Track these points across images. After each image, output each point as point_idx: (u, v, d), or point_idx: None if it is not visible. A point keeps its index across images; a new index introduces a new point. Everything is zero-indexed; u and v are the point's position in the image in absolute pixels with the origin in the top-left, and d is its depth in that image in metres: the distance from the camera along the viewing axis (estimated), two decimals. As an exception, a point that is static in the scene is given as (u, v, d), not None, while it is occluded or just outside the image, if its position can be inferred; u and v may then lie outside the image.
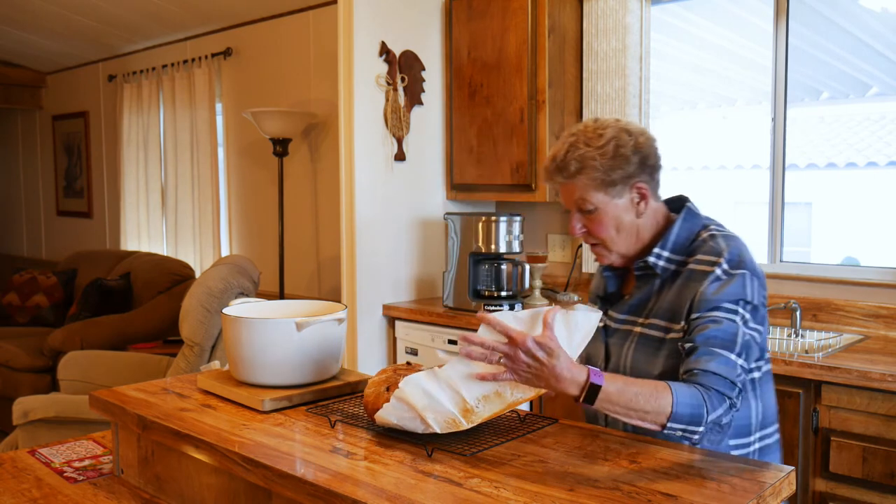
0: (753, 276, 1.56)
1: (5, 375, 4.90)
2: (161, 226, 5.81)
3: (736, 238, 1.62)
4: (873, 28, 3.16)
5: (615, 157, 1.59)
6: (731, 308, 1.52)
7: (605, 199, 1.61)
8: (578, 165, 1.59)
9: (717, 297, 1.52)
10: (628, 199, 1.63)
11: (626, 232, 1.64)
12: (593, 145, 1.59)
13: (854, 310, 2.90)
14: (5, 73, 6.80)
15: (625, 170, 1.59)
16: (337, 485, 1.29)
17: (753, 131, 3.34)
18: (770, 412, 1.65)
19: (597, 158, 1.58)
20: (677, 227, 1.65)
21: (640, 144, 1.61)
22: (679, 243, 1.64)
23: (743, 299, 1.53)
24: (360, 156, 3.42)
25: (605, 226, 1.63)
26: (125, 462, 1.84)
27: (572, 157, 1.60)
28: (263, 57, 4.87)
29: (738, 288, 1.53)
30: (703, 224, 1.66)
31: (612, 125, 1.63)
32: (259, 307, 1.95)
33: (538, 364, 1.37)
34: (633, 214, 1.64)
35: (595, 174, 1.59)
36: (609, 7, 3.31)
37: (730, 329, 1.50)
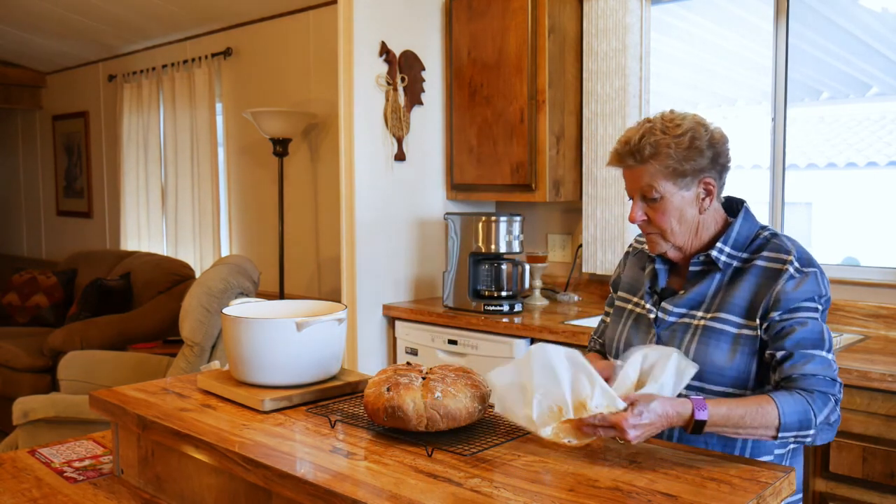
0: (823, 275, 1.61)
1: (5, 375, 4.90)
2: (161, 226, 5.81)
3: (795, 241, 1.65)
4: (873, 28, 3.16)
5: (689, 148, 1.59)
6: (811, 307, 1.55)
7: (672, 188, 1.61)
8: (652, 151, 1.59)
9: (796, 294, 1.55)
10: (694, 192, 1.62)
11: (686, 225, 1.64)
12: (669, 133, 1.59)
13: (854, 310, 2.90)
14: (5, 73, 6.80)
15: (697, 162, 1.60)
16: (337, 485, 1.29)
17: (753, 131, 3.34)
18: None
19: (671, 146, 1.58)
20: (738, 224, 1.66)
21: (714, 140, 1.62)
22: (740, 241, 1.64)
23: (820, 295, 1.57)
24: (360, 156, 3.42)
25: (668, 216, 1.63)
26: (125, 462, 1.84)
27: (647, 143, 1.59)
28: (263, 57, 4.87)
29: (814, 285, 1.57)
30: (760, 225, 1.69)
31: (690, 118, 1.63)
32: (259, 307, 1.94)
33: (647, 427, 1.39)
34: (696, 209, 1.64)
35: (668, 162, 1.59)
36: (609, 7, 3.31)
37: (816, 328, 1.54)
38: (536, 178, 3.41)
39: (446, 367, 1.60)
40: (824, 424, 1.49)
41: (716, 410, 1.42)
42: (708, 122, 1.65)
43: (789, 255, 1.58)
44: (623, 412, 1.37)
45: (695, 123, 1.61)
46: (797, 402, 1.46)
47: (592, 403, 1.35)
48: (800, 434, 1.46)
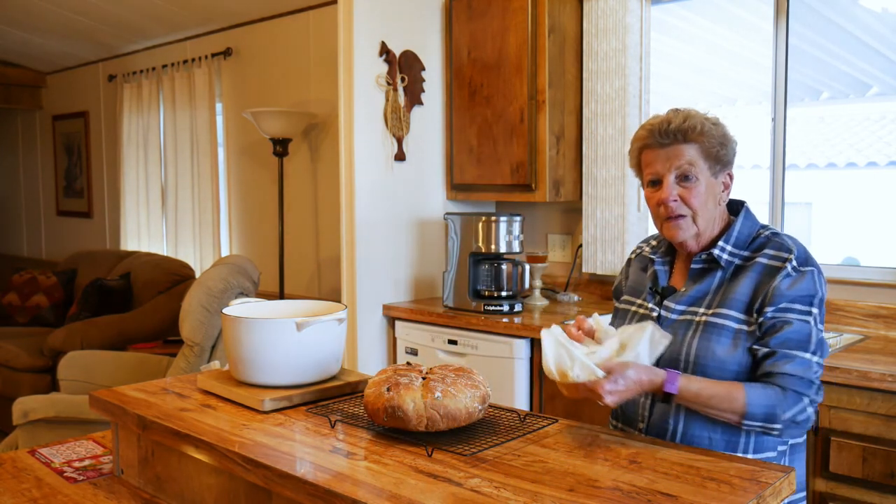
0: (820, 274, 1.64)
1: (5, 375, 4.90)
2: (161, 226, 5.81)
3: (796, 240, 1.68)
4: (873, 28, 3.16)
5: (725, 136, 1.70)
6: (803, 308, 1.59)
7: (707, 172, 1.68)
8: (700, 130, 1.66)
9: (790, 292, 1.59)
10: (720, 182, 1.71)
11: (709, 213, 1.70)
12: (710, 121, 1.69)
13: (854, 310, 2.90)
14: (5, 73, 6.80)
15: (728, 153, 1.70)
16: (337, 485, 1.29)
17: (753, 131, 3.34)
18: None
19: (713, 131, 1.67)
20: (739, 223, 1.71)
21: (734, 141, 1.72)
22: (741, 239, 1.70)
23: (814, 296, 1.60)
24: (360, 156, 3.42)
25: (699, 197, 1.68)
26: (125, 462, 1.84)
27: (694, 123, 1.67)
28: (263, 57, 4.87)
29: (810, 284, 1.60)
30: (760, 224, 1.74)
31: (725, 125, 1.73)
32: (259, 307, 1.94)
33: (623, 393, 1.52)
34: (717, 199, 1.71)
35: (711, 142, 1.67)
36: (609, 7, 3.31)
37: (803, 329, 1.58)
38: (536, 178, 3.41)
39: (446, 367, 1.60)
40: (790, 422, 1.54)
41: (687, 386, 1.54)
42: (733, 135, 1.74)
43: (790, 254, 1.62)
44: (602, 379, 1.49)
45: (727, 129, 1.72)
46: (767, 396, 1.53)
47: (573, 374, 1.51)
48: (766, 426, 1.54)
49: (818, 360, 1.58)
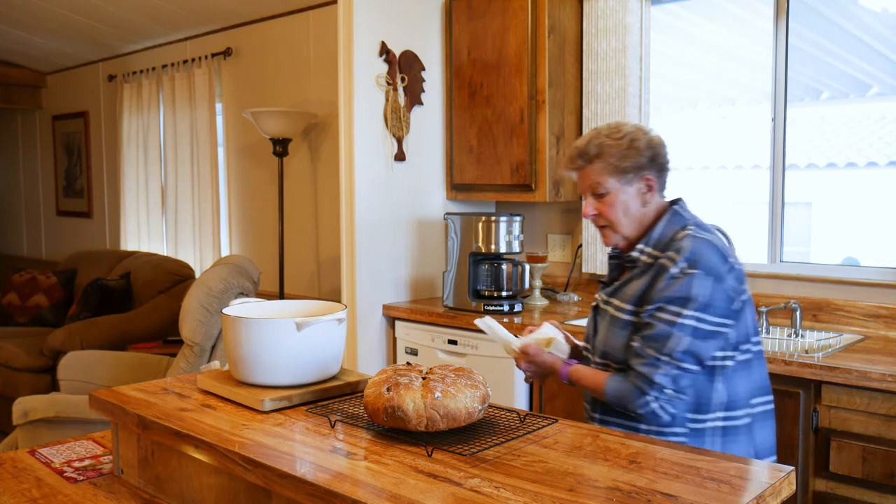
0: (708, 275, 1.70)
1: (5, 375, 4.90)
2: (161, 226, 5.81)
3: (706, 241, 1.75)
4: (873, 28, 3.16)
5: (629, 148, 1.81)
6: (674, 309, 1.71)
7: (616, 184, 1.83)
8: (597, 151, 1.83)
9: (665, 294, 1.73)
10: (637, 188, 1.84)
11: (631, 217, 1.85)
12: (612, 137, 1.83)
13: (854, 310, 2.90)
14: (5, 73, 6.80)
15: (636, 161, 1.82)
16: (337, 485, 1.29)
17: (753, 131, 3.34)
18: (739, 398, 1.79)
19: (613, 147, 1.81)
20: (661, 225, 1.84)
21: (652, 142, 1.84)
22: (661, 241, 1.82)
23: (689, 299, 1.70)
24: (360, 156, 3.42)
25: (615, 209, 1.84)
26: (125, 462, 1.84)
27: (593, 144, 1.84)
28: (263, 57, 4.87)
29: (686, 288, 1.70)
30: (684, 224, 1.82)
31: (631, 125, 1.87)
32: (259, 307, 1.94)
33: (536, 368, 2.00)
34: (639, 203, 1.85)
35: (611, 160, 1.82)
36: (609, 7, 3.31)
37: (663, 332, 1.71)
38: (536, 178, 3.41)
39: (446, 367, 1.60)
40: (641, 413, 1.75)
41: (574, 373, 1.90)
42: (648, 129, 1.87)
43: (678, 255, 1.73)
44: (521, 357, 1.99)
45: (635, 129, 1.85)
46: (619, 388, 1.78)
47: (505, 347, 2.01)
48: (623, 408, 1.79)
49: (672, 362, 1.70)
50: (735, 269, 1.76)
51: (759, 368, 1.83)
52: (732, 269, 1.75)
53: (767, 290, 3.13)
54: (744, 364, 1.78)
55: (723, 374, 1.76)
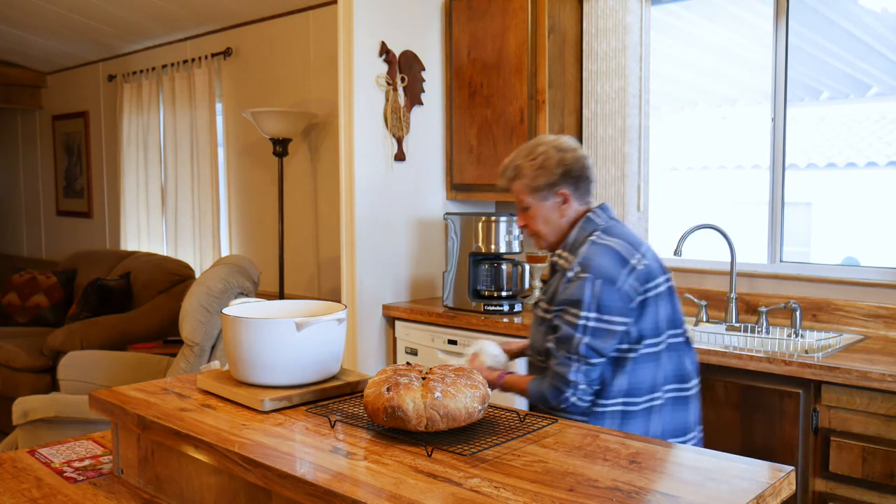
0: (598, 279, 1.87)
1: (5, 375, 4.90)
2: (161, 226, 5.81)
3: (604, 246, 1.92)
4: (873, 28, 3.16)
5: (540, 168, 2.01)
6: (572, 311, 1.89)
7: (534, 200, 2.04)
8: (514, 173, 2.06)
9: (562, 297, 1.92)
10: (553, 202, 2.03)
11: (552, 227, 2.06)
12: (527, 158, 2.04)
13: (854, 310, 2.90)
14: (5, 73, 6.80)
15: (548, 179, 2.01)
16: (337, 485, 1.29)
17: (753, 131, 3.34)
18: (641, 386, 1.93)
19: (527, 168, 2.03)
20: (574, 232, 2.03)
21: (564, 160, 2.01)
22: (573, 246, 2.00)
23: (581, 301, 1.87)
24: (360, 156, 3.42)
25: (536, 221, 2.06)
26: (125, 462, 1.84)
27: (511, 166, 2.07)
28: (263, 57, 4.87)
29: (577, 291, 1.88)
30: (593, 230, 1.99)
31: (549, 143, 2.04)
32: (259, 307, 1.94)
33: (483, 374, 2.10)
34: (558, 214, 2.04)
35: (525, 181, 2.03)
36: (609, 7, 3.31)
37: (567, 333, 1.89)
38: (536, 178, 3.40)
39: (446, 367, 1.60)
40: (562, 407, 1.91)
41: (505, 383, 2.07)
42: (566, 146, 2.03)
43: (575, 260, 1.93)
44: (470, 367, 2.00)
45: (549, 148, 2.02)
46: (540, 388, 1.95)
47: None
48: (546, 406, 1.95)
49: (580, 360, 1.87)
50: (637, 269, 1.90)
51: (672, 359, 1.96)
52: (633, 270, 1.89)
53: (767, 290, 3.13)
54: (651, 356, 1.92)
55: (624, 367, 1.91)
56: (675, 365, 1.96)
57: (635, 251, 1.92)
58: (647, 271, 1.91)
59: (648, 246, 2.00)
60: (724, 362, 2.54)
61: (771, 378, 2.46)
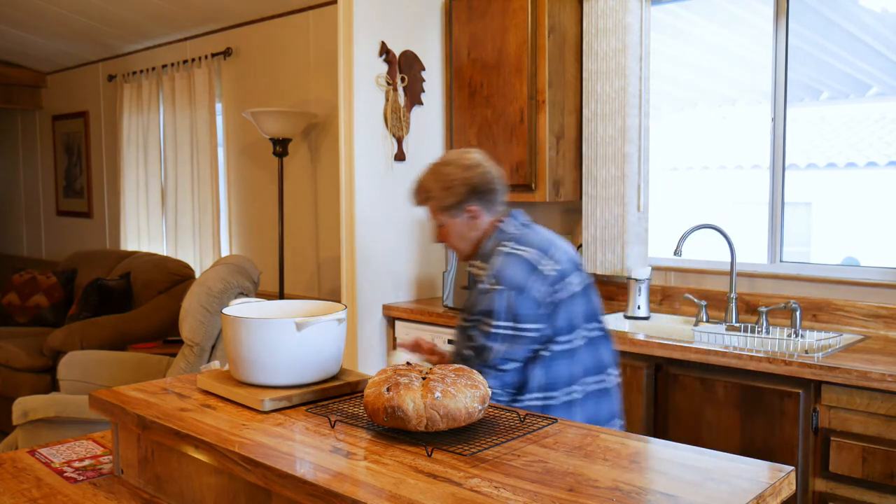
0: (510, 290, 1.95)
1: (5, 375, 4.90)
2: (161, 226, 5.81)
3: (514, 256, 1.99)
4: (873, 28, 3.16)
5: (445, 190, 2.10)
6: (485, 322, 1.97)
7: (446, 218, 2.14)
8: (424, 196, 2.16)
9: (478, 308, 2.00)
10: (463, 218, 2.13)
11: (466, 241, 2.16)
12: (434, 180, 2.13)
13: (854, 310, 2.90)
14: (5, 73, 6.80)
15: (455, 199, 2.10)
16: (337, 485, 1.29)
17: (753, 131, 3.34)
18: (559, 381, 2.01)
19: (434, 191, 2.12)
20: (486, 243, 2.12)
21: (468, 180, 2.09)
22: (486, 256, 2.08)
23: (494, 311, 1.96)
24: (360, 156, 3.42)
25: (450, 236, 2.17)
26: (125, 462, 1.84)
27: (421, 188, 2.16)
28: (263, 57, 4.87)
29: (490, 303, 1.97)
30: (503, 240, 2.07)
31: (454, 163, 2.12)
32: (259, 307, 1.94)
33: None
34: (469, 228, 2.14)
35: (434, 202, 2.14)
36: (609, 7, 3.31)
37: (481, 343, 1.98)
38: (536, 178, 3.41)
39: (446, 367, 1.60)
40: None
41: None
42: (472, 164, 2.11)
43: (488, 272, 2.01)
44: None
45: (455, 168, 2.11)
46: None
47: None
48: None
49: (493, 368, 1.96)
50: (547, 274, 1.97)
51: (590, 352, 2.05)
52: (543, 276, 1.97)
53: (767, 290, 3.13)
54: (565, 353, 2.00)
55: (541, 363, 1.99)
56: (594, 357, 2.05)
57: (545, 257, 2.00)
58: (558, 274, 1.99)
59: (561, 246, 2.08)
60: (724, 362, 2.54)
61: (771, 378, 2.46)
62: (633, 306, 3.23)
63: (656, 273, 3.43)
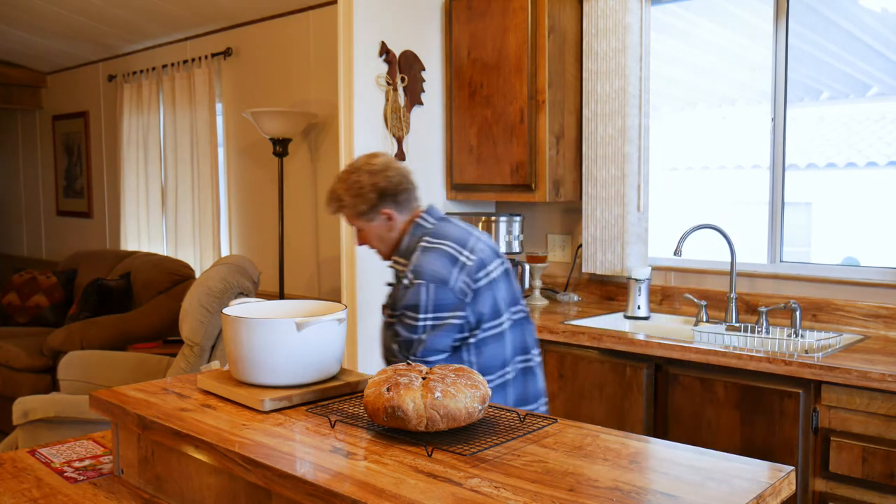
0: (432, 283, 2.05)
1: (5, 375, 4.90)
2: (161, 226, 5.81)
3: (434, 250, 2.10)
4: (873, 28, 3.16)
5: (357, 197, 2.17)
6: (410, 314, 2.06)
7: (362, 223, 2.22)
8: (338, 205, 2.22)
9: (402, 302, 2.09)
10: (379, 220, 2.20)
11: (385, 241, 2.24)
12: (345, 190, 2.19)
13: (854, 310, 2.90)
14: (5, 73, 6.80)
15: (367, 205, 2.17)
16: (337, 485, 1.29)
17: (753, 131, 3.34)
18: (493, 364, 2.12)
19: (347, 199, 2.19)
20: (405, 240, 2.20)
21: (377, 184, 2.16)
22: (407, 251, 2.18)
23: (417, 305, 2.05)
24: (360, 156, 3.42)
25: (369, 238, 2.25)
26: (125, 462, 1.84)
27: (334, 197, 2.22)
28: (263, 57, 4.87)
29: (413, 297, 2.06)
30: (422, 235, 2.16)
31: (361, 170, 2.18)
32: (259, 307, 1.95)
33: None
34: (386, 230, 2.22)
35: (348, 210, 2.20)
36: (609, 7, 3.31)
37: (406, 337, 2.08)
38: (536, 178, 3.41)
39: (446, 367, 1.60)
40: None
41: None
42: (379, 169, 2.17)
43: (409, 267, 2.10)
44: None
45: (363, 175, 2.17)
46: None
47: None
48: None
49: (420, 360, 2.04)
50: (467, 265, 2.08)
51: (516, 333, 2.17)
52: (463, 267, 2.08)
53: (767, 290, 3.13)
54: (494, 337, 2.11)
55: (473, 349, 2.10)
56: (520, 338, 2.18)
57: (463, 248, 2.11)
58: (478, 263, 2.10)
59: (479, 236, 2.19)
60: (724, 362, 2.54)
61: (771, 378, 2.46)
62: (633, 306, 3.23)
63: (656, 273, 3.43)
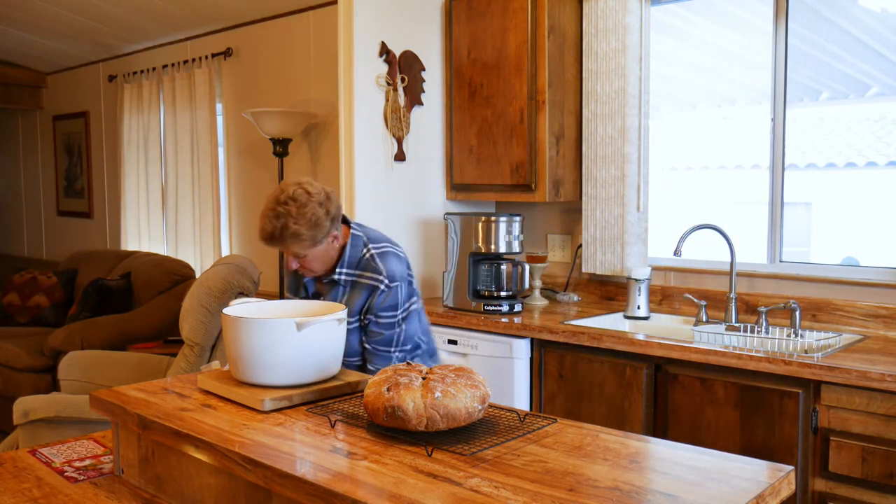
0: (403, 282, 2.33)
1: (6, 375, 4.90)
2: (161, 226, 5.81)
3: (388, 254, 2.33)
4: (873, 28, 3.16)
5: (316, 227, 2.23)
6: (390, 314, 2.31)
7: (311, 250, 2.28)
8: (293, 239, 2.22)
9: (382, 305, 2.30)
10: (327, 242, 2.29)
11: (326, 261, 2.33)
12: (301, 223, 2.20)
13: (853, 310, 2.90)
14: (5, 73, 6.80)
15: (322, 231, 2.25)
16: (337, 485, 1.29)
17: (753, 131, 3.34)
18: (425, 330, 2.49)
19: (304, 233, 2.21)
20: (348, 251, 2.34)
21: (329, 209, 2.25)
22: (352, 262, 2.34)
23: (398, 304, 2.31)
24: (360, 156, 3.42)
25: (313, 263, 2.31)
26: (125, 462, 1.84)
27: (287, 234, 2.21)
28: (263, 57, 4.87)
29: (395, 297, 2.31)
30: (364, 243, 2.35)
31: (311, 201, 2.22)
32: (259, 307, 1.95)
33: None
34: (331, 250, 2.32)
35: (305, 241, 2.24)
36: (609, 7, 3.31)
37: (388, 336, 2.33)
38: (536, 178, 3.41)
39: (446, 367, 1.61)
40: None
41: None
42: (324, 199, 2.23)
43: (381, 276, 2.29)
44: None
45: (313, 206, 2.22)
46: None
47: None
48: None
49: (401, 352, 2.35)
50: (404, 257, 2.38)
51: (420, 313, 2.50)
52: (405, 260, 2.38)
53: (767, 290, 3.13)
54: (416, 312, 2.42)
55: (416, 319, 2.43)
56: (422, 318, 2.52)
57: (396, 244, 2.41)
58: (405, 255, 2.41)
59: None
60: (723, 362, 2.54)
61: (771, 378, 2.46)
62: (633, 306, 3.23)
63: (656, 273, 3.43)
